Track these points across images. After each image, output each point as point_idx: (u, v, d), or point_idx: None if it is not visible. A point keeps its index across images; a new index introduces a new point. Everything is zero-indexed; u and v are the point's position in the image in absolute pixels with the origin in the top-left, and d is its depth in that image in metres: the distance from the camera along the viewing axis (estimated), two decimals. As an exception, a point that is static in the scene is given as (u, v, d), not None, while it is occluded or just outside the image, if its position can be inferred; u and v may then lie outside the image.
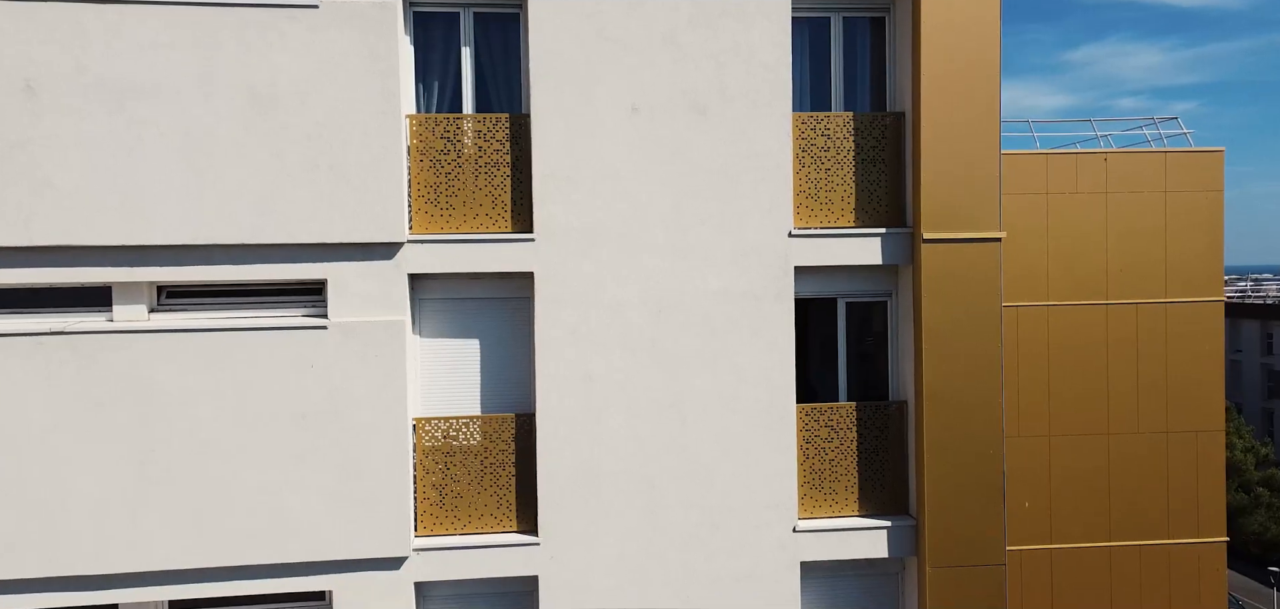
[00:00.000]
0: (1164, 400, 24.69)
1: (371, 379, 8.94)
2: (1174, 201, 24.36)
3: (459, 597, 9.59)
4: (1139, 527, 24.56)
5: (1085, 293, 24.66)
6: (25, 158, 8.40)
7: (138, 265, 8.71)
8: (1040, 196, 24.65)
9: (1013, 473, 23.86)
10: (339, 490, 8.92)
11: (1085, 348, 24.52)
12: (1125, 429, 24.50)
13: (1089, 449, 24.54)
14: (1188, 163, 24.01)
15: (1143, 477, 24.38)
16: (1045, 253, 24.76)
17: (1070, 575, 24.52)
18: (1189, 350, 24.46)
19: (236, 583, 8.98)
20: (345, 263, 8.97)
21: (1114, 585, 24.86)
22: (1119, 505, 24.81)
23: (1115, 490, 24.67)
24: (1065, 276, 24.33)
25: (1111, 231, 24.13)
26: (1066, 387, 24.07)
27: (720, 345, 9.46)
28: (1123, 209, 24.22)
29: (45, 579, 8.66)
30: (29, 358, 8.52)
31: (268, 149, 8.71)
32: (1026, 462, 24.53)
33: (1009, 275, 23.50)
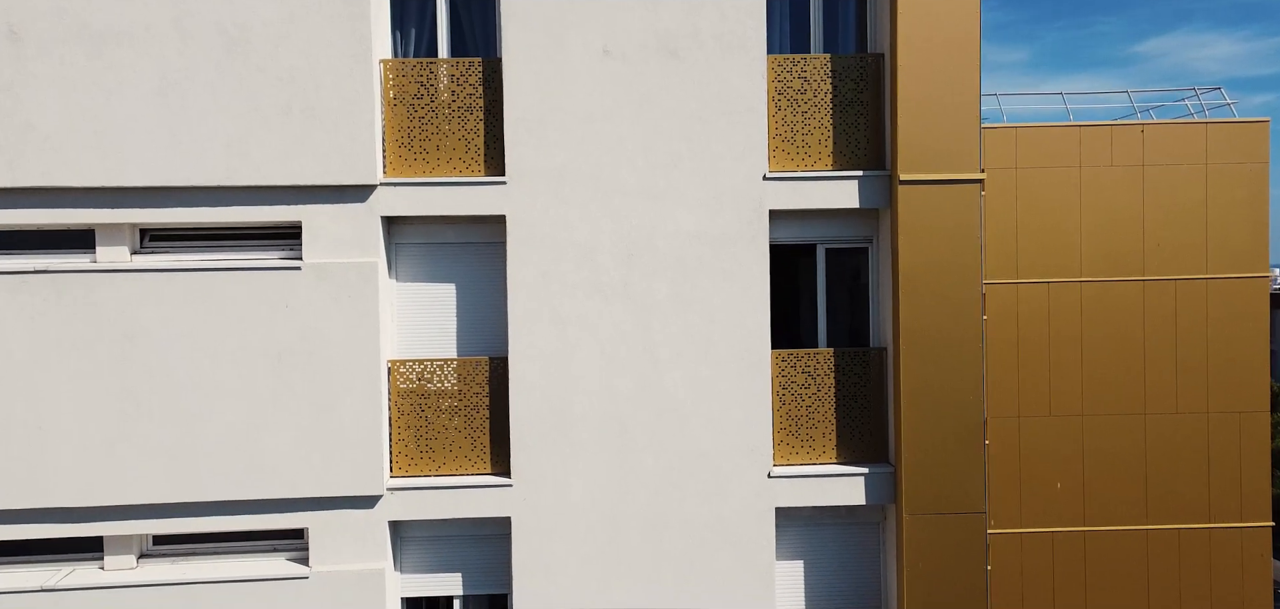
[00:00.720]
0: (1205, 380, 23.96)
1: (345, 320, 9.07)
2: (1216, 174, 23.62)
3: (436, 538, 9.70)
4: (1178, 511, 23.87)
5: (1121, 269, 24.05)
6: (9, 101, 8.69)
7: (119, 207, 8.95)
8: (1073, 170, 24.07)
9: (1044, 453, 23.38)
10: (313, 429, 9.07)
11: (1121, 326, 23.91)
12: (1163, 409, 23.83)
13: (1125, 430, 23.91)
14: (1231, 134, 23.28)
15: (1182, 459, 23.68)
16: (1078, 228, 24.16)
17: (1105, 559, 23.93)
18: (1232, 328, 23.70)
19: (215, 518, 9.18)
20: (319, 205, 9.11)
21: (1151, 570, 24.19)
22: (1157, 488, 24.16)
23: (1153, 473, 24.01)
24: (1099, 252, 23.73)
25: (1149, 206, 23.46)
26: (1100, 365, 23.48)
27: (693, 289, 9.41)
28: (1161, 182, 23.54)
29: (30, 510, 8.95)
30: (14, 295, 8.81)
31: (242, 92, 8.88)
32: (1058, 442, 23.97)
33: (1038, 252, 23.03)
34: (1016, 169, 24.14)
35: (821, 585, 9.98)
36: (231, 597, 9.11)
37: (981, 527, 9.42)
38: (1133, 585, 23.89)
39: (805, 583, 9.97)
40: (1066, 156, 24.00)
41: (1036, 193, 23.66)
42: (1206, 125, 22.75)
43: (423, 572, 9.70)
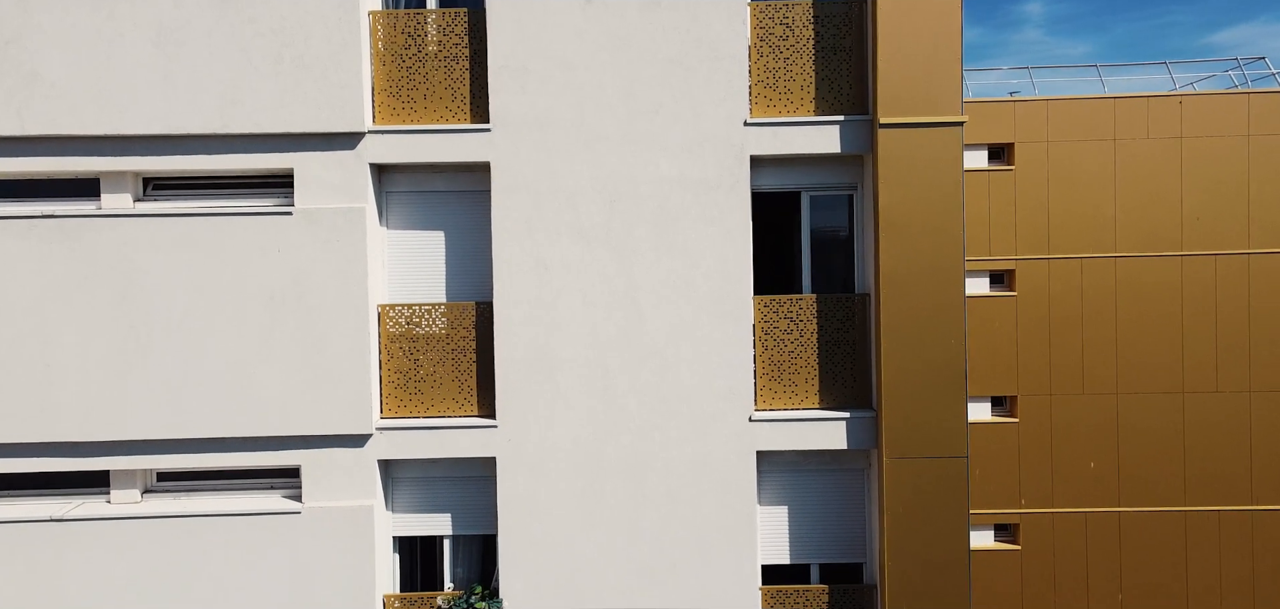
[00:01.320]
0: (1246, 358, 23.39)
1: (334, 264, 9.36)
2: (1260, 147, 23.01)
3: (426, 479, 9.96)
4: (1218, 492, 23.32)
5: (1158, 244, 23.55)
6: (17, 51, 9.13)
7: (121, 155, 9.35)
8: (1107, 143, 23.63)
9: (1077, 431, 22.99)
10: (304, 369, 9.38)
11: (1158, 303, 23.46)
12: (1203, 388, 23.31)
13: (1162, 409, 23.43)
14: (1274, 105, 22.69)
15: (1223, 439, 23.14)
16: (1112, 203, 23.74)
17: (1141, 541, 23.48)
18: (1275, 304, 23.13)
19: (213, 455, 9.54)
20: (310, 152, 9.42)
21: (1190, 553, 23.67)
22: (1196, 469, 23.63)
23: (1192, 453, 23.49)
24: (1135, 228, 23.30)
25: (1188, 179, 22.96)
26: (1137, 343, 23.06)
27: (674, 235, 9.52)
28: (1201, 155, 23.01)
29: (39, 444, 9.40)
30: (22, 239, 9.26)
31: (235, 42, 9.22)
32: (1091, 420, 23.61)
33: (1071, 227, 22.60)
34: (1048, 143, 23.75)
35: (806, 531, 10.03)
36: (230, 530, 9.47)
37: (963, 471, 9.39)
38: (1170, 568, 23.39)
39: (789, 529, 10.03)
40: (1100, 129, 23.56)
41: (1069, 167, 23.27)
42: (1248, 95, 22.15)
43: (413, 511, 9.97)
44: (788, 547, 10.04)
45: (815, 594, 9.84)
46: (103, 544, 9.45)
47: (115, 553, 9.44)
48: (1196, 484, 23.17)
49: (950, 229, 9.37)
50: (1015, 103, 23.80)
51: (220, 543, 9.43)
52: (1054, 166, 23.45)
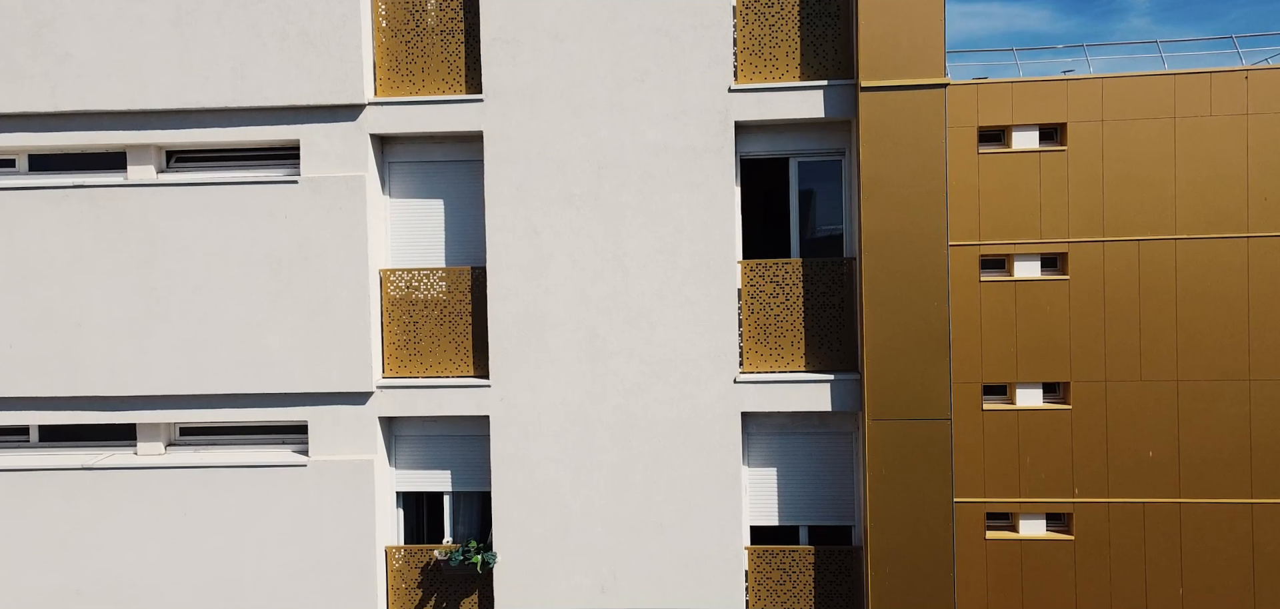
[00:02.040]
0: (1317, 343, 22.44)
1: (336, 230, 9.87)
2: (1332, 122, 22.07)
3: (427, 437, 10.40)
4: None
5: (1222, 226, 22.80)
6: (51, 34, 9.88)
7: (144, 129, 10.03)
8: (1166, 121, 22.94)
9: (1133, 420, 22.40)
10: (310, 329, 9.91)
11: (1221, 286, 22.71)
12: (1271, 375, 22.48)
13: (1226, 396, 22.66)
14: (1349, 78, 21.74)
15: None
16: (1172, 182, 23.04)
17: (1203, 534, 22.73)
18: (1349, 288, 22.13)
19: (229, 410, 10.16)
20: (315, 124, 9.94)
21: (1257, 547, 22.82)
22: (1263, 459, 22.80)
23: (1259, 442, 22.66)
24: (1197, 208, 22.59)
25: (1254, 157, 22.17)
26: (1198, 328, 22.36)
27: (661, 200, 9.75)
28: (1269, 132, 22.19)
29: (71, 398, 10.16)
30: (56, 208, 10.01)
31: (245, 19, 9.79)
32: (1149, 408, 22.95)
33: (1128, 209, 22.05)
34: (1103, 122, 23.16)
35: (795, 494, 10.14)
36: (243, 481, 10.07)
37: (947, 433, 9.38)
38: (1235, 563, 22.62)
39: (778, 491, 10.15)
40: (1159, 107, 22.90)
41: (1126, 146, 22.64)
42: (1321, 69, 21.25)
43: (415, 468, 10.42)
44: (776, 509, 10.17)
45: (802, 555, 9.96)
46: (130, 492, 10.14)
47: (141, 501, 10.12)
48: (1264, 475, 22.31)
49: (933, 191, 9.37)
50: (1068, 81, 23.23)
51: (235, 494, 10.04)
52: (1109, 146, 22.83)
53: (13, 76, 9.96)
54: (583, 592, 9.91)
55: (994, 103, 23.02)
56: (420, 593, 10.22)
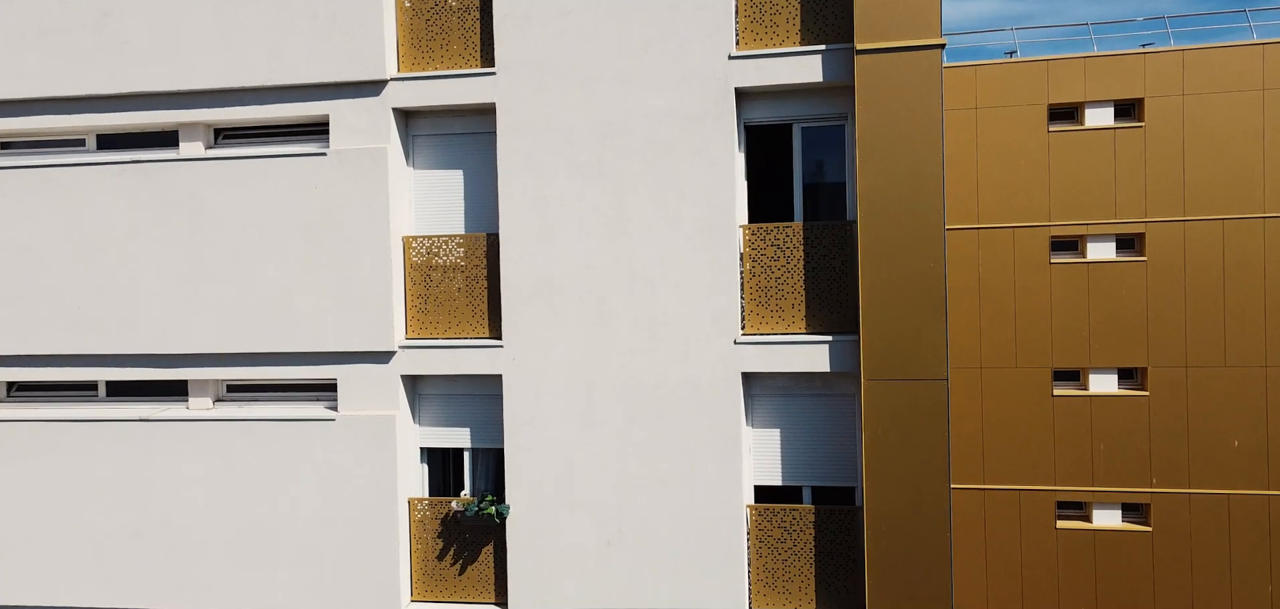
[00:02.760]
0: None
1: (361, 199, 10.52)
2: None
3: (448, 396, 10.98)
4: (1391, 476, 21.24)
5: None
6: (112, 22, 10.84)
7: (193, 108, 10.89)
8: (1253, 94, 22.03)
9: (1217, 407, 21.56)
10: (338, 291, 10.60)
11: (1316, 265, 21.61)
12: (1373, 360, 21.32)
13: (1321, 382, 21.61)
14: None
15: (1398, 417, 21.05)
16: (1260, 159, 22.15)
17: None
18: None
19: (268, 368, 10.95)
20: (342, 100, 10.62)
21: (1358, 544, 21.68)
22: (1364, 449, 21.60)
23: (1359, 432, 21.50)
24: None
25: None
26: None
27: (663, 166, 10.05)
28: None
29: (128, 355, 11.12)
30: (115, 181, 10.98)
31: (278, 2, 10.54)
32: (1236, 394, 22.07)
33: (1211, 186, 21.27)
34: (1183, 96, 22.29)
35: (798, 454, 10.30)
36: (279, 433, 10.83)
37: (943, 394, 9.40)
38: (1332, 559, 21.50)
39: (782, 451, 10.33)
40: (1246, 78, 22.01)
41: (1209, 121, 21.75)
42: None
43: (438, 426, 11.01)
44: (780, 469, 10.35)
45: (802, 514, 10.11)
46: (182, 443, 11.04)
47: (191, 451, 11.00)
48: (1365, 467, 21.17)
49: (930, 152, 9.40)
50: (1146, 55, 22.39)
51: (272, 446, 10.81)
52: (1191, 122, 21.95)
53: (80, 62, 10.97)
54: (590, 544, 10.31)
55: (1066, 79, 22.39)
56: (441, 543, 10.80)
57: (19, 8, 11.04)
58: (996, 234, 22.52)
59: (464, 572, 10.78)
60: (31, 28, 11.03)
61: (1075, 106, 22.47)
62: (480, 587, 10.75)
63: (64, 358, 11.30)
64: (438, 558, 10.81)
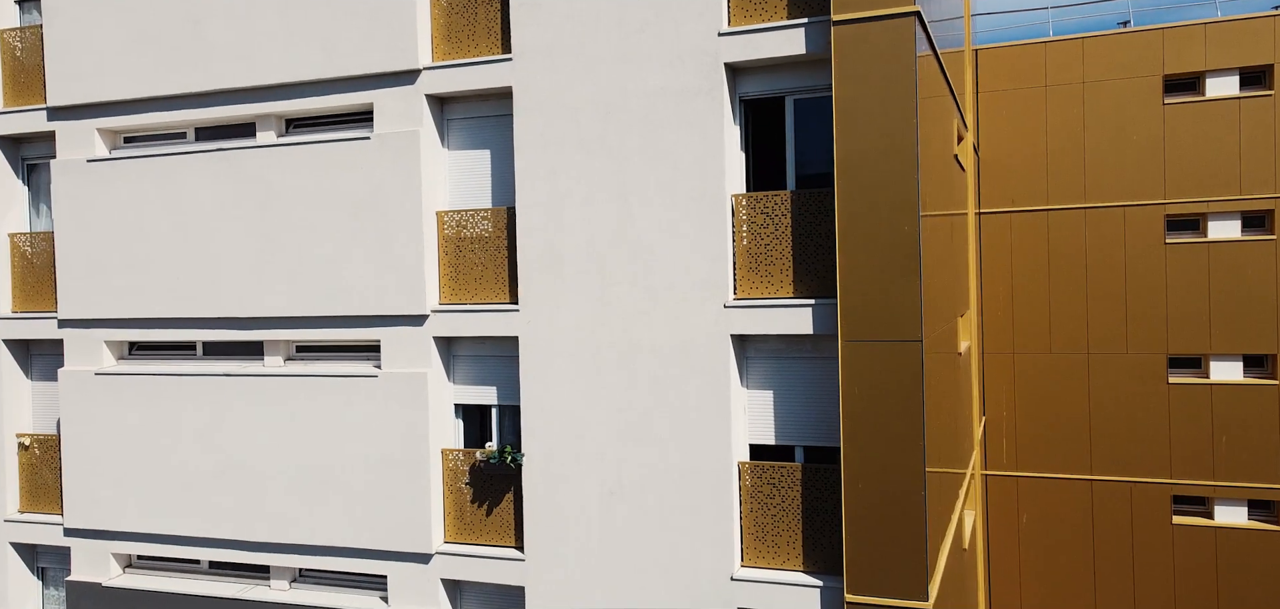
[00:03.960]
0: None
1: (398, 178, 11.71)
2: None
3: (478, 357, 12.02)
4: None
5: None
6: (202, 30, 12.54)
7: (265, 101, 12.42)
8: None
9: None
10: (379, 261, 11.84)
11: None
12: None
13: None
14: None
15: None
16: None
17: None
18: None
19: (326, 330, 12.34)
20: (385, 89, 11.85)
21: None
22: None
23: None
24: None
25: None
26: None
27: (660, 141, 10.68)
28: None
29: (215, 318, 12.80)
30: (204, 166, 12.67)
31: (329, 2, 11.88)
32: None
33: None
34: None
35: (790, 415, 10.68)
36: (331, 388, 12.19)
37: (917, 355, 9.56)
38: None
39: (774, 412, 10.74)
40: None
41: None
42: None
43: (469, 384, 12.08)
44: (773, 429, 10.76)
45: (790, 471, 10.49)
46: (257, 397, 12.61)
47: (262, 403, 12.55)
48: None
49: (903, 118, 9.57)
50: (1277, 18, 20.78)
51: (325, 399, 12.20)
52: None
53: (178, 65, 12.73)
54: (593, 493, 11.07)
55: (1184, 48, 21.15)
56: (470, 490, 11.85)
57: (128, 19, 12.93)
58: (1106, 214, 21.54)
59: (489, 516, 11.79)
60: (139, 36, 12.89)
61: (1195, 76, 21.14)
62: (502, 531, 11.73)
63: (168, 321, 13.13)
64: (468, 503, 11.86)
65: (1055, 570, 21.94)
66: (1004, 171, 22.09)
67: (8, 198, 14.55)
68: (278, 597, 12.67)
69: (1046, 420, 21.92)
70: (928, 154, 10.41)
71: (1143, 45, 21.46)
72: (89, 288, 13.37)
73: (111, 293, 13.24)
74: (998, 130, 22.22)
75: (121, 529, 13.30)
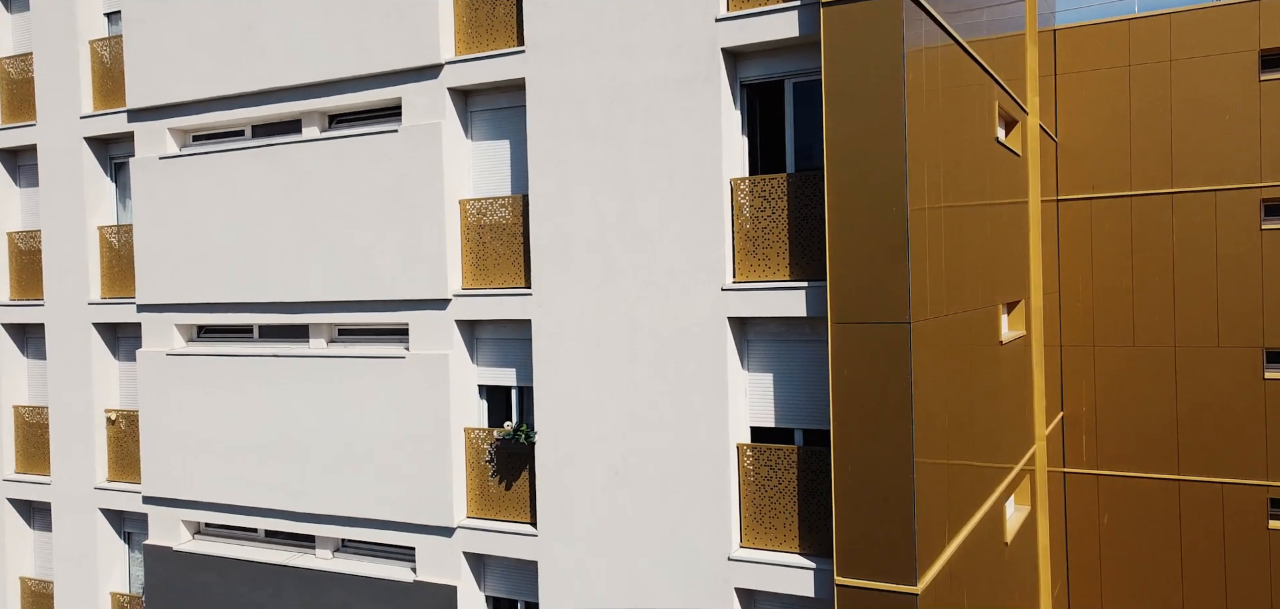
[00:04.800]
0: None
1: (422, 168, 12.27)
2: None
3: (499, 340, 12.50)
4: None
5: None
6: (255, 34, 13.44)
7: (310, 99, 13.23)
8: None
9: None
10: (406, 248, 12.44)
11: None
12: None
13: None
14: None
15: None
16: None
17: None
18: None
19: (362, 314, 13.04)
20: (411, 84, 12.44)
21: None
22: None
23: None
24: None
25: None
26: None
27: (660, 128, 10.87)
28: None
29: (261, 303, 13.70)
30: (252, 162, 13.58)
31: (358, 3, 12.55)
32: None
33: None
34: None
35: (790, 398, 10.70)
36: (365, 368, 12.87)
37: (906, 337, 9.45)
38: None
39: (774, 395, 10.78)
40: None
41: None
42: None
43: (491, 365, 12.56)
44: (773, 411, 10.80)
45: (785, 453, 10.51)
46: (303, 377, 13.43)
47: (308, 383, 13.36)
48: None
49: (891, 101, 9.47)
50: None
51: (360, 379, 12.89)
52: None
53: (234, 67, 13.69)
54: (599, 472, 11.36)
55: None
56: (490, 465, 12.32)
57: (194, 26, 13.96)
58: (1196, 198, 20.38)
59: (506, 492, 12.23)
60: (202, 41, 13.91)
61: (1295, 49, 19.70)
62: (518, 507, 12.16)
63: (227, 305, 14.14)
64: (488, 480, 12.34)
65: (1138, 574, 20.91)
66: (1084, 157, 21.17)
67: (97, 194, 15.91)
68: (321, 565, 13.47)
69: (1130, 417, 20.90)
70: (935, 138, 10.24)
71: (1236, 19, 20.16)
72: (161, 275, 14.51)
73: (180, 279, 14.33)
74: (1077, 113, 21.30)
75: (189, 498, 14.39)
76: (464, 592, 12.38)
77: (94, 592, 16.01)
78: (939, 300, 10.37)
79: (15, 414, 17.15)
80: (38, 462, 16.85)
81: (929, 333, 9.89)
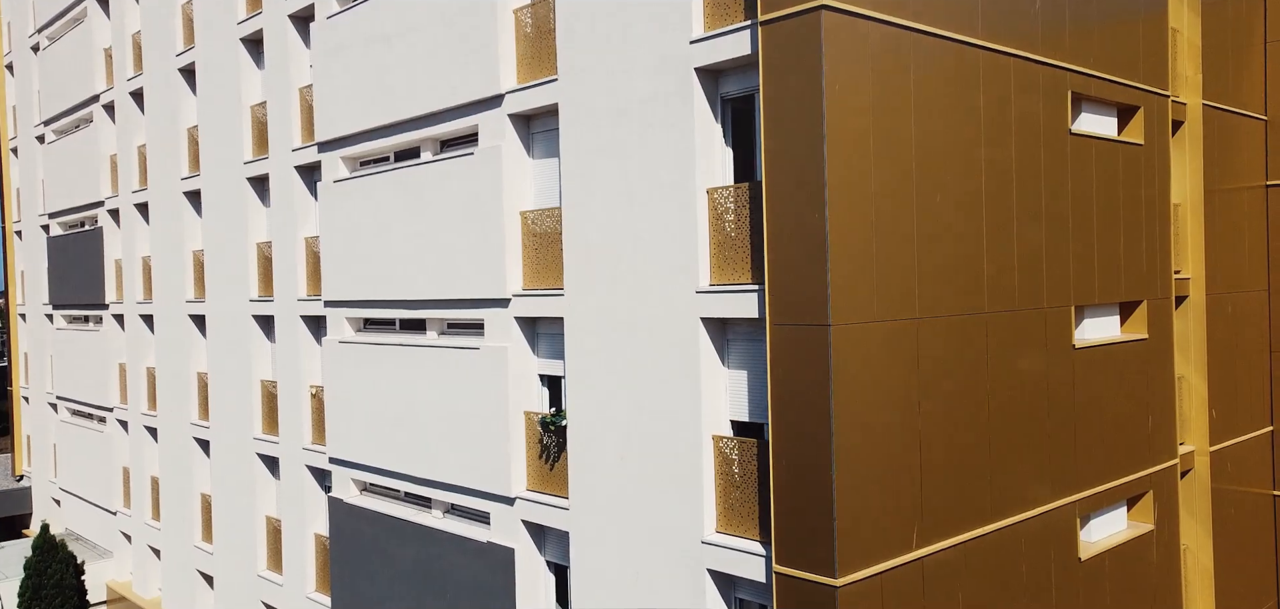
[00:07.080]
0: None
1: (487, 185, 14.21)
2: None
3: (553, 334, 14.12)
4: None
5: None
6: (385, 76, 16.17)
7: (422, 129, 15.71)
8: None
9: None
10: (478, 255, 14.45)
11: None
12: None
13: None
14: None
15: None
16: None
17: None
18: None
19: (452, 311, 15.29)
20: (482, 113, 14.43)
21: None
22: None
23: None
24: None
25: None
26: None
27: (649, 141, 11.91)
28: None
29: (379, 300, 16.44)
30: (379, 182, 16.31)
31: (441, 42, 14.74)
32: None
33: None
34: None
35: (761, 393, 11.29)
36: (453, 357, 15.06)
37: (825, 338, 9.81)
38: None
39: (748, 391, 11.44)
40: None
41: None
42: None
43: (548, 357, 14.23)
44: (747, 407, 11.45)
45: (747, 445, 11.14)
46: (419, 363, 15.96)
47: (422, 369, 15.86)
48: None
49: (812, 111, 9.85)
50: None
51: (451, 367, 15.12)
52: None
53: (372, 105, 16.53)
54: (610, 455, 12.62)
55: None
56: (541, 445, 14.01)
57: (353, 72, 16.98)
58: None
59: (551, 470, 13.85)
60: (356, 84, 16.88)
61: None
62: (561, 483, 13.71)
63: (373, 302, 17.06)
64: (539, 459, 14.04)
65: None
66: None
67: (304, 210, 19.64)
68: (434, 523, 15.91)
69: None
70: (895, 143, 10.44)
71: None
72: (336, 277, 17.76)
73: (347, 280, 17.48)
74: (1287, 88, 18.72)
75: (354, 461, 17.52)
76: (523, 554, 14.16)
77: (304, 532, 19.80)
78: (890, 303, 10.45)
79: (262, 387, 21.52)
80: (274, 425, 21.04)
81: (861, 335, 10.08)
